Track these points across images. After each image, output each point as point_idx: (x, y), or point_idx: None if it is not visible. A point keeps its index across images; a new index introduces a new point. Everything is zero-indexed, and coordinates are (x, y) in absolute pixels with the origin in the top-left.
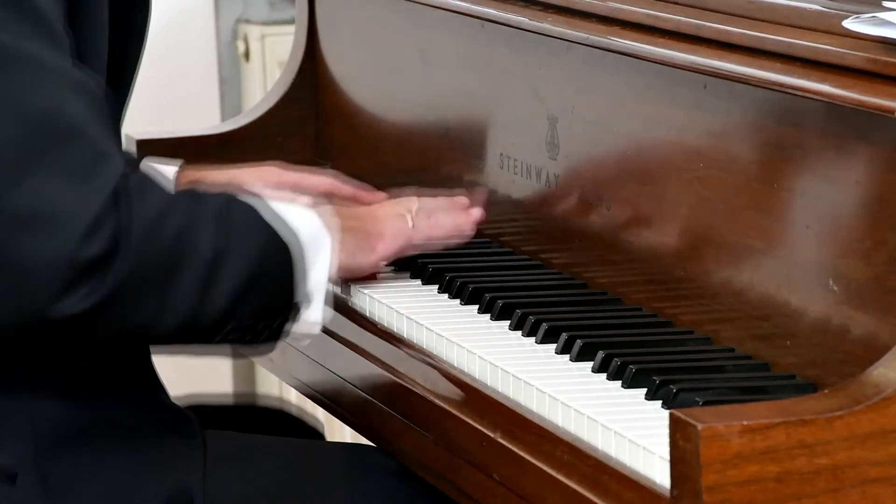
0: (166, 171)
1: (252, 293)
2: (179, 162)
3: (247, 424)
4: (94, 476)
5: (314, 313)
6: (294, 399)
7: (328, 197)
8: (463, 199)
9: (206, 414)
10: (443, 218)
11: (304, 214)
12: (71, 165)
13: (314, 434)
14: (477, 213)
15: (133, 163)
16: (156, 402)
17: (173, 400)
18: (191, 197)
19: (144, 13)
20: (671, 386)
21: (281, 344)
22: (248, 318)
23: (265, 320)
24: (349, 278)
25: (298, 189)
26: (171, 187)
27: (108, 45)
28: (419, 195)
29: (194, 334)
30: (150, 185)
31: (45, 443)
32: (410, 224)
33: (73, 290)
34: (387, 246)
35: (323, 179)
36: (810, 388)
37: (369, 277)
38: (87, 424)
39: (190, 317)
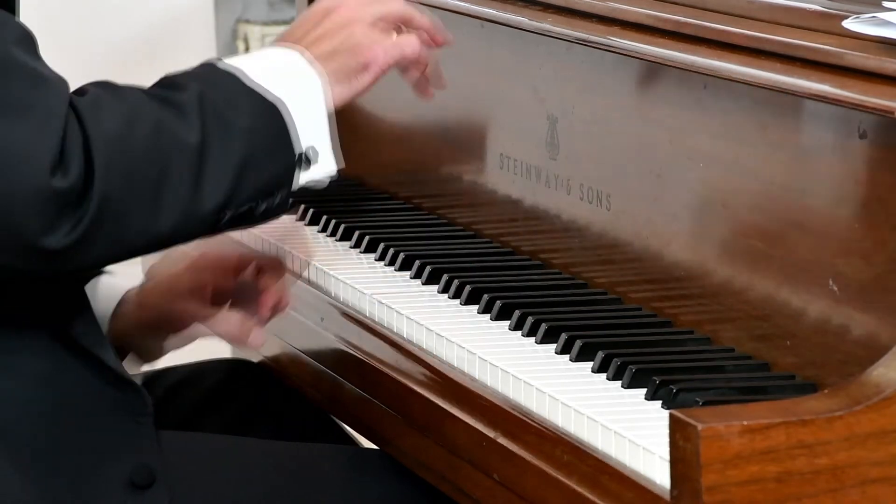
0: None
1: (251, 168)
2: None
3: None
4: (57, 458)
5: (327, 161)
6: None
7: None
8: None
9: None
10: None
11: (286, 59)
12: (11, 98)
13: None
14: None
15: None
16: (105, 377)
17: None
18: (165, 83)
19: None
20: (671, 386)
21: (280, 343)
22: (254, 194)
23: (273, 191)
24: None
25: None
26: (134, 87)
27: None
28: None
29: (199, 226)
30: (106, 95)
31: (9, 422)
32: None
33: (57, 223)
34: (378, 62)
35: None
36: (810, 388)
37: None
38: (43, 406)
39: (189, 211)
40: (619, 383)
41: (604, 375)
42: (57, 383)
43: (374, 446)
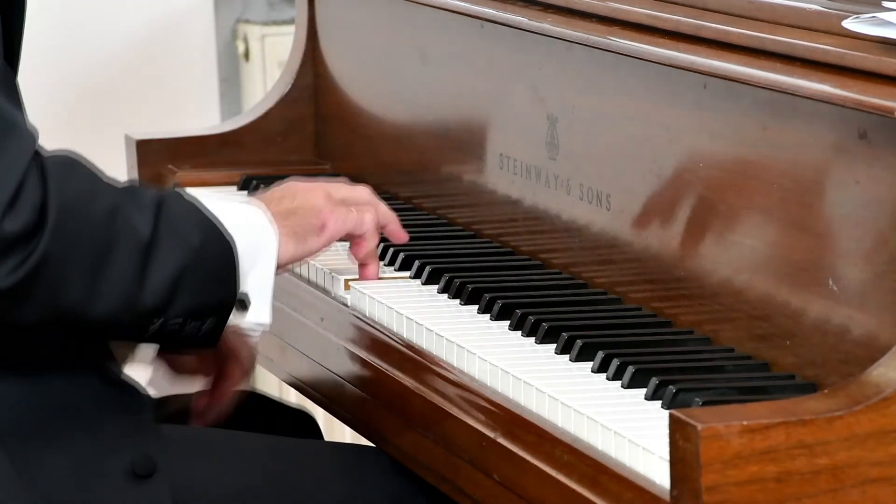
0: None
1: (191, 284)
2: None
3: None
4: (54, 455)
5: (262, 312)
6: (294, 399)
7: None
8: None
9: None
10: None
11: (246, 210)
12: None
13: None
14: (404, 237)
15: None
16: (102, 380)
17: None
18: (128, 185)
19: None
20: (671, 386)
21: (280, 343)
22: (187, 311)
23: (203, 316)
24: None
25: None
26: (102, 175)
27: None
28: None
29: (128, 323)
30: (77, 166)
31: (3, 422)
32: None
33: None
34: (335, 223)
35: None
36: (810, 388)
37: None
38: (38, 405)
39: (124, 301)
40: (619, 383)
41: (604, 375)
42: (55, 385)
43: (374, 445)
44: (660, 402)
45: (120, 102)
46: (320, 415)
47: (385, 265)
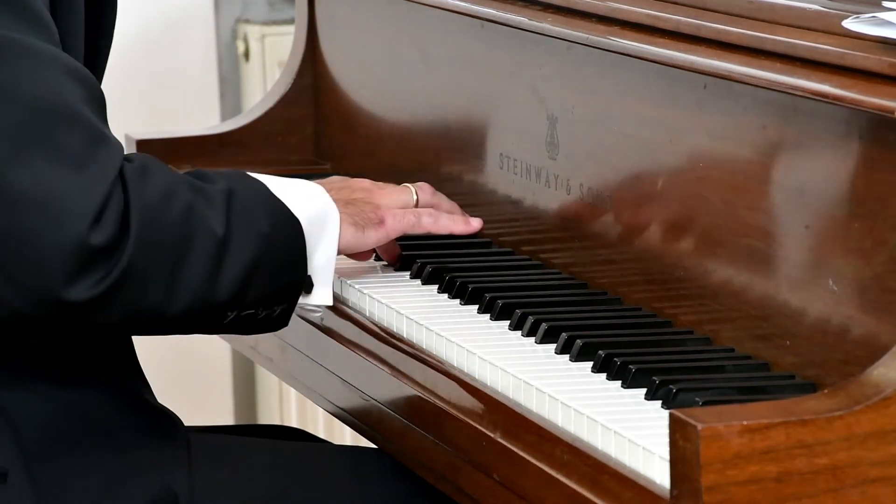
0: None
1: (263, 273)
2: None
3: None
4: (80, 476)
5: (324, 291)
6: (294, 399)
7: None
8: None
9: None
10: (446, 203)
11: (310, 189)
12: (71, 149)
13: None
14: (476, 222)
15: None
16: (139, 403)
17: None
18: (198, 175)
19: (113, 11)
20: (671, 386)
21: (280, 343)
22: (260, 299)
23: (275, 303)
24: (355, 253)
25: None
26: (172, 169)
27: (83, 45)
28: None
29: (203, 318)
30: (152, 167)
31: (31, 442)
32: (414, 197)
33: (84, 276)
34: (395, 220)
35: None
36: (810, 388)
37: (366, 254)
38: (71, 424)
39: (199, 298)
40: (619, 383)
41: (604, 375)
42: (88, 409)
43: (373, 446)
44: (660, 402)
45: (120, 102)
46: (320, 415)
47: (385, 265)
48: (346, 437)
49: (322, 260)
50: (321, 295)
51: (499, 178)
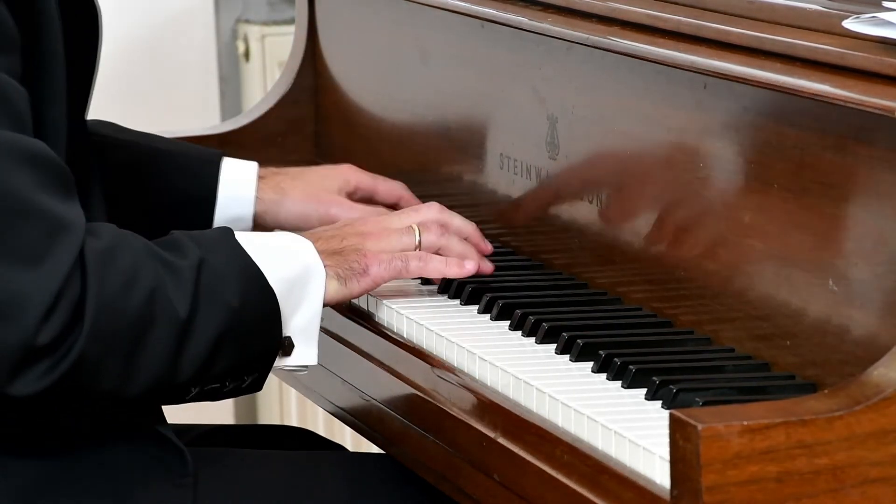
0: (246, 168)
1: (230, 346)
2: (254, 164)
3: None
4: None
5: (308, 350)
6: (294, 399)
7: (393, 206)
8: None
9: (209, 437)
10: (456, 245)
11: (297, 245)
12: (22, 246)
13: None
14: (471, 265)
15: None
16: (146, 436)
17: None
18: (172, 244)
19: (95, 36)
20: (671, 386)
21: None
22: (226, 372)
23: (244, 374)
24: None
25: (373, 193)
26: (143, 243)
27: (64, 72)
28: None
29: (165, 396)
30: (120, 248)
31: (27, 490)
32: (416, 238)
33: (28, 371)
34: (381, 268)
35: (393, 186)
36: (810, 388)
37: None
38: (70, 466)
39: (160, 379)
40: (619, 383)
41: (604, 375)
42: (95, 443)
43: (374, 447)
44: (660, 402)
45: (120, 102)
46: (320, 416)
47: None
48: (347, 437)
49: (304, 319)
50: (304, 355)
51: (499, 178)
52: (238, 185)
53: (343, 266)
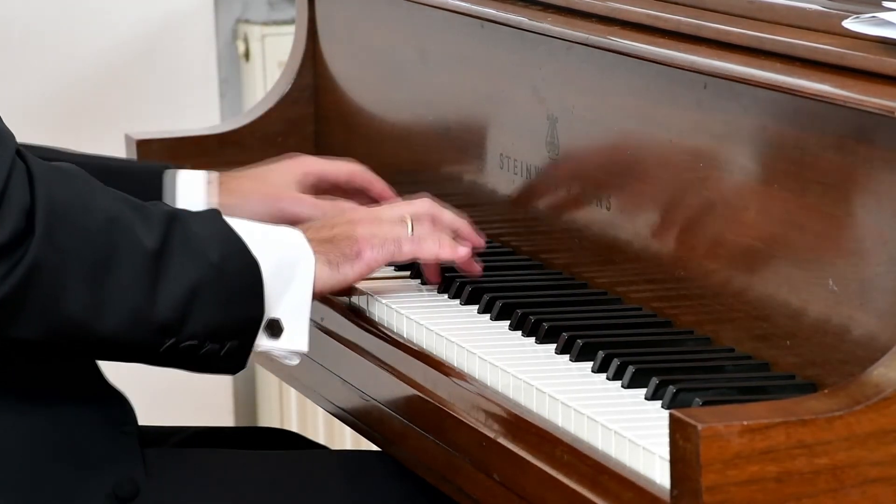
0: (194, 178)
1: (207, 301)
2: (203, 172)
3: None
4: (38, 472)
5: (298, 336)
6: (294, 399)
7: (348, 184)
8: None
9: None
10: (445, 239)
11: (284, 234)
12: None
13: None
14: (464, 250)
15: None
16: (90, 387)
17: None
18: (153, 203)
19: None
20: (671, 386)
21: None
22: (204, 330)
23: (223, 338)
24: (337, 291)
25: (323, 176)
26: (111, 190)
27: None
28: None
29: (139, 339)
30: (73, 175)
31: None
32: (409, 230)
33: None
34: (374, 251)
35: (344, 166)
36: (810, 388)
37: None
38: (24, 423)
39: (133, 315)
40: (619, 383)
41: (604, 375)
42: (41, 397)
43: (374, 447)
44: (660, 402)
45: (120, 102)
46: (320, 416)
47: (385, 265)
48: (347, 437)
49: (293, 303)
50: (294, 340)
51: (499, 178)
52: (186, 195)
53: (334, 252)
